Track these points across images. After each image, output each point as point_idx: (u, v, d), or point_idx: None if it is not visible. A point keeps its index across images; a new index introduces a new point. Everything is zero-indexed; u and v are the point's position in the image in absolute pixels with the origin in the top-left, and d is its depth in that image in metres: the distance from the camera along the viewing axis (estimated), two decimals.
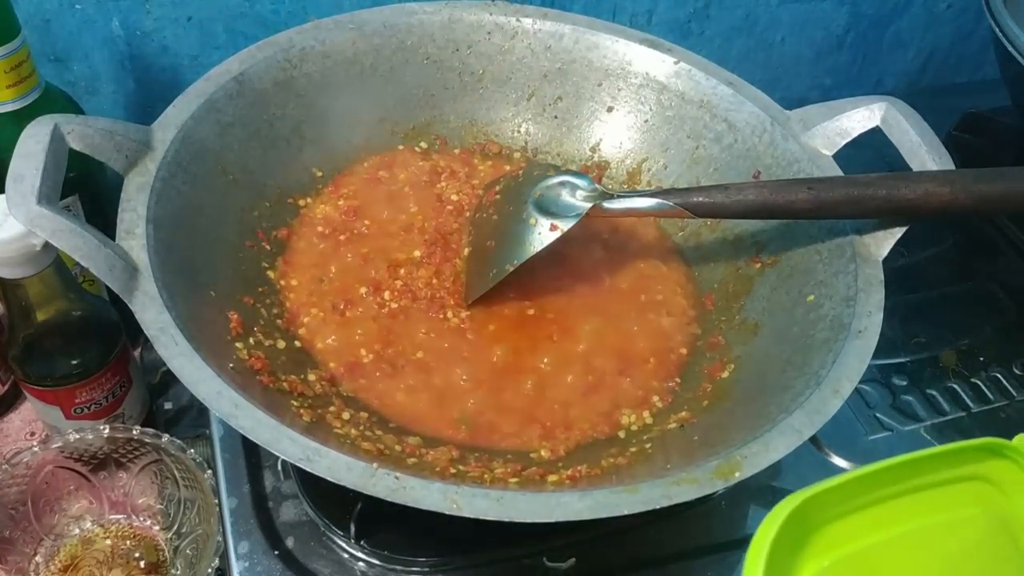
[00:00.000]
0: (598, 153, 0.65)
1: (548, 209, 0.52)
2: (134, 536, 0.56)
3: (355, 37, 0.60)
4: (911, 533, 0.41)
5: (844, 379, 0.44)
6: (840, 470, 0.56)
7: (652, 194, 0.51)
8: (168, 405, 0.64)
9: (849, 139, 0.56)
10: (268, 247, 0.55)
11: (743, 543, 0.52)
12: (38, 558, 0.54)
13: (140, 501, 0.56)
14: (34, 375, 0.55)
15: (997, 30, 0.68)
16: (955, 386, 0.62)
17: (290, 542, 0.50)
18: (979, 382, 0.63)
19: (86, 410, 0.56)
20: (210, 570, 0.48)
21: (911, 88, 0.97)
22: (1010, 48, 0.67)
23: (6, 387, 0.64)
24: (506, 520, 0.37)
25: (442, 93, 0.64)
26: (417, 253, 0.57)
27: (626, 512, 0.38)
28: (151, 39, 0.67)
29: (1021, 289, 0.70)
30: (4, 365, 0.62)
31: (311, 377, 0.49)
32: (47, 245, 0.44)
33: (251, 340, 0.48)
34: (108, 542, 0.55)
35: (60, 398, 0.55)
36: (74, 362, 0.54)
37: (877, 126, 0.55)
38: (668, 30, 0.80)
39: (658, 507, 0.38)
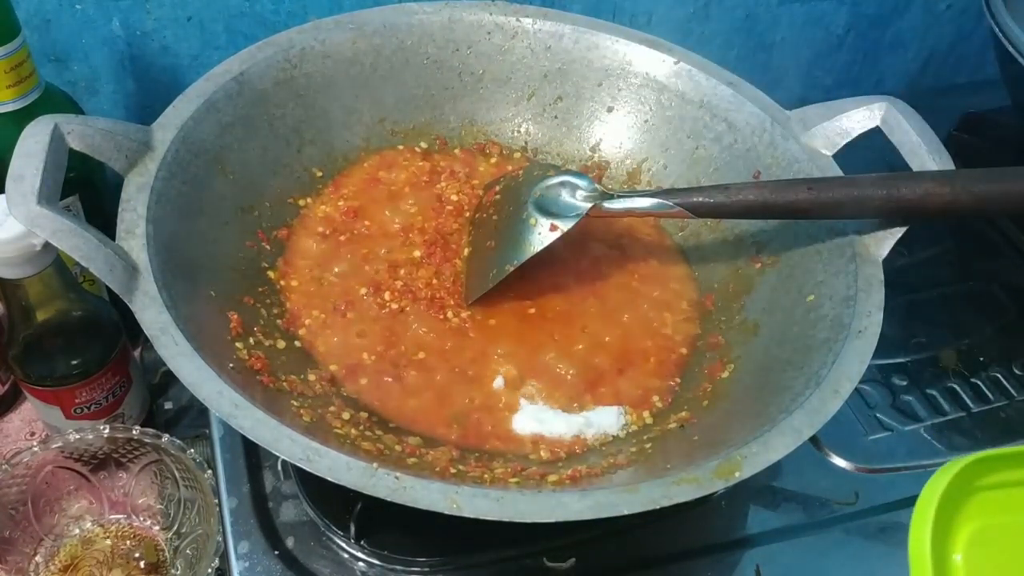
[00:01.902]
0: (598, 153, 0.65)
1: (548, 209, 0.52)
2: (134, 536, 0.56)
3: (355, 37, 0.60)
4: None
5: (844, 379, 0.44)
6: (840, 470, 0.56)
7: (652, 194, 0.51)
8: (168, 405, 0.64)
9: (849, 139, 0.56)
10: (268, 247, 0.55)
11: (743, 543, 0.53)
12: (38, 558, 0.54)
13: (140, 501, 0.56)
14: (34, 375, 0.55)
15: (997, 30, 0.68)
16: (955, 386, 0.62)
17: (290, 542, 0.50)
18: (979, 382, 0.63)
19: (86, 410, 0.56)
20: (210, 570, 0.48)
21: (911, 88, 0.97)
22: (1010, 48, 0.67)
23: (6, 387, 0.64)
24: (506, 520, 0.37)
25: (442, 93, 0.64)
26: (417, 253, 0.57)
27: (626, 512, 0.38)
28: (151, 39, 0.67)
29: (1021, 289, 0.70)
30: (4, 365, 0.62)
31: (311, 377, 0.49)
32: (47, 245, 0.44)
33: (251, 340, 0.48)
34: (108, 542, 0.55)
35: (60, 398, 0.55)
36: (74, 362, 0.54)
37: (877, 126, 0.55)
38: (668, 30, 0.80)
39: (658, 507, 0.38)
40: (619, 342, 0.54)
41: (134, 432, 0.53)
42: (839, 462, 0.56)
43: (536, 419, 0.49)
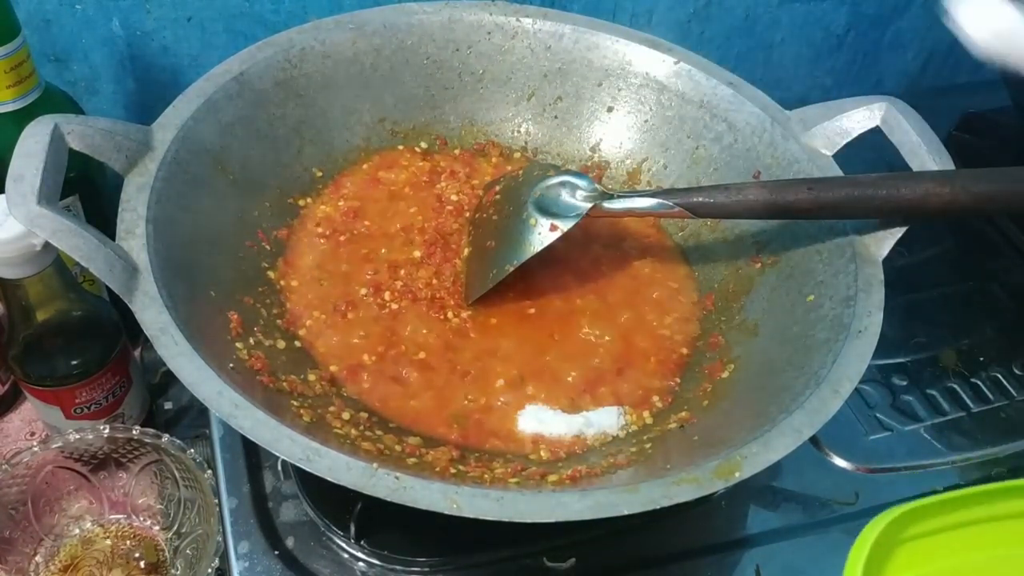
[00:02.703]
0: (598, 153, 0.65)
1: (548, 209, 0.52)
2: (134, 536, 0.56)
3: (355, 37, 0.60)
4: (995, 559, 0.44)
5: (844, 379, 0.44)
6: (840, 470, 0.56)
7: (652, 194, 0.51)
8: (168, 405, 0.64)
9: (849, 139, 0.56)
10: (268, 247, 0.55)
11: (743, 543, 0.53)
12: (38, 558, 0.54)
13: (140, 501, 0.56)
14: (34, 375, 0.55)
15: None
16: (955, 386, 0.62)
17: (290, 542, 0.50)
18: (979, 382, 0.63)
19: (86, 410, 0.56)
20: (210, 570, 0.48)
21: (911, 88, 0.97)
22: None
23: (6, 387, 0.64)
24: (506, 520, 0.37)
25: (442, 93, 0.64)
26: (417, 254, 0.57)
27: (626, 512, 0.38)
28: (151, 39, 0.67)
29: (1021, 289, 0.70)
30: (4, 365, 0.62)
31: (311, 377, 0.49)
32: (47, 245, 0.44)
33: (251, 340, 0.48)
34: (108, 542, 0.55)
35: (60, 398, 0.55)
36: (74, 362, 0.54)
37: (877, 126, 0.55)
38: (668, 30, 0.80)
39: (658, 507, 0.38)
40: (619, 342, 0.54)
41: (134, 432, 0.53)
42: (839, 462, 0.56)
43: (536, 419, 0.49)
